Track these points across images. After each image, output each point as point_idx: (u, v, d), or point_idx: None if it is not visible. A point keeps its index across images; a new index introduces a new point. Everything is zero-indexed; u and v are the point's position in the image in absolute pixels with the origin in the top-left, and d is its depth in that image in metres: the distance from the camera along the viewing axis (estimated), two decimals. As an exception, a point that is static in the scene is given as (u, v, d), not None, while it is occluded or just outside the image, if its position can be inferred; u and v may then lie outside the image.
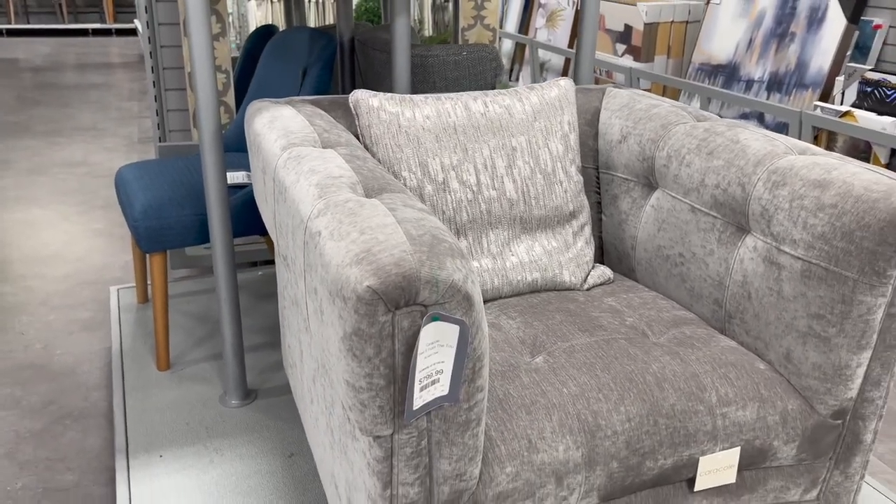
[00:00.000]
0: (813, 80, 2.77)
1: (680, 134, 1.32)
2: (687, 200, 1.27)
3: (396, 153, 1.33)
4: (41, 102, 4.77)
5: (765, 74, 2.97)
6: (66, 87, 5.22)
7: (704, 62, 3.29)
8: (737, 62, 3.12)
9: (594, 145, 1.53)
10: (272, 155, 1.18)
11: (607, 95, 1.56)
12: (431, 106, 1.37)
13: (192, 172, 1.82)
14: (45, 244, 2.69)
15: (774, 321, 1.10)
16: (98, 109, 4.63)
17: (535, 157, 1.38)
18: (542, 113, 1.41)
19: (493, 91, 1.44)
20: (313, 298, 0.92)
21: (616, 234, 1.48)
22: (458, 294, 0.78)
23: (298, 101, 1.40)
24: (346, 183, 0.98)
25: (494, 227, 1.35)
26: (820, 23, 2.77)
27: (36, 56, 6.39)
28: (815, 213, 1.03)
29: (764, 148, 1.17)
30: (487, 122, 1.37)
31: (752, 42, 3.05)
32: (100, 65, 6.09)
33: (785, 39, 2.89)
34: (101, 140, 4.00)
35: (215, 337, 1.96)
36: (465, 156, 1.35)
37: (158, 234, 1.62)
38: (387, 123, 1.34)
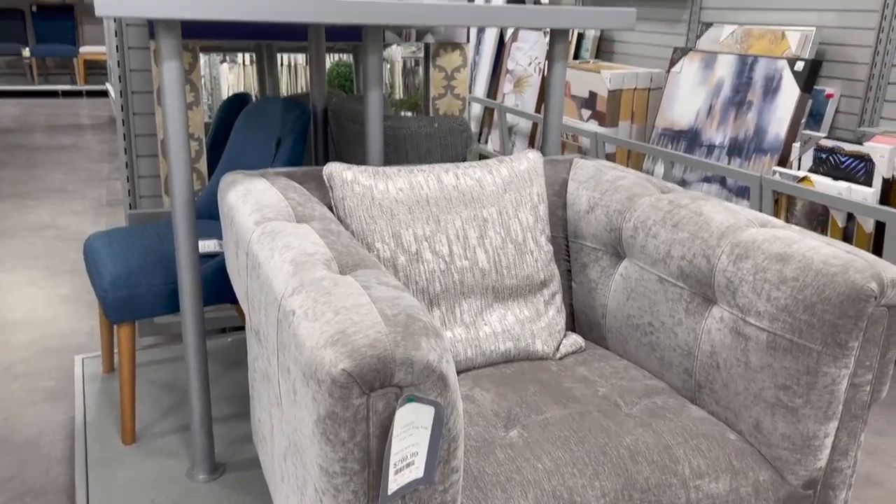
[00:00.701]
0: (771, 146, 2.88)
1: (645, 206, 1.35)
2: (654, 271, 1.30)
3: (370, 225, 1.34)
4: (10, 164, 4.73)
5: (725, 140, 3.08)
6: (36, 149, 5.19)
7: (667, 127, 3.41)
8: (698, 128, 3.23)
9: (563, 215, 1.57)
10: (246, 229, 1.19)
11: (574, 167, 1.60)
12: (404, 178, 1.39)
13: (162, 240, 1.81)
14: (10, 309, 2.63)
15: (743, 391, 1.12)
16: (67, 171, 4.60)
17: (505, 228, 1.41)
18: (512, 185, 1.45)
19: (464, 164, 1.47)
20: (286, 378, 0.91)
21: (586, 302, 1.50)
22: (434, 374, 0.78)
23: (272, 174, 1.42)
24: (320, 259, 0.99)
25: (467, 297, 1.36)
26: (775, 92, 2.89)
27: (5, 117, 6.37)
28: (777, 286, 1.06)
29: (726, 220, 1.21)
30: (459, 195, 1.40)
31: (712, 109, 3.17)
32: (70, 126, 6.08)
33: (743, 107, 3.01)
34: (70, 203, 3.97)
35: (182, 407, 1.92)
36: (438, 227, 1.37)
37: (128, 303, 1.60)
38: (360, 196, 1.36)
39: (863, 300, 0.98)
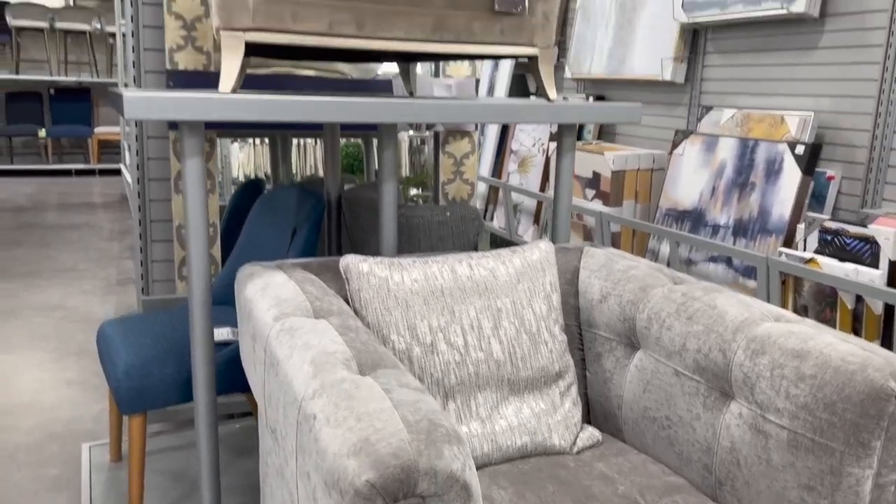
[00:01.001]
0: (775, 227, 2.91)
1: (658, 297, 1.37)
2: (670, 364, 1.30)
3: (385, 316, 1.35)
4: (23, 243, 4.79)
5: (729, 220, 3.12)
6: (48, 228, 5.27)
7: (671, 207, 3.45)
8: (702, 208, 3.27)
9: (575, 303, 1.58)
10: (264, 324, 1.20)
11: (585, 255, 1.62)
12: (419, 269, 1.41)
13: (175, 327, 1.82)
14: (16, 392, 2.62)
15: (765, 490, 1.10)
16: (78, 250, 4.65)
17: (519, 318, 1.42)
18: (525, 275, 1.46)
19: (477, 254, 1.50)
20: (306, 483, 0.90)
21: (601, 392, 1.49)
22: (457, 484, 0.78)
23: (290, 266, 1.44)
24: (340, 359, 1.00)
25: (483, 389, 1.36)
26: (777, 174, 2.95)
27: (19, 196, 6.48)
28: (796, 384, 1.06)
29: (741, 314, 1.22)
30: (473, 285, 1.42)
31: (716, 190, 3.22)
32: (82, 205, 6.19)
33: (746, 189, 3.07)
34: (80, 282, 3.99)
35: (192, 497, 1.88)
36: (453, 317, 1.38)
37: (141, 394, 1.60)
38: (376, 288, 1.37)
39: (883, 399, 0.98)
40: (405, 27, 1.49)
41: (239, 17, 1.33)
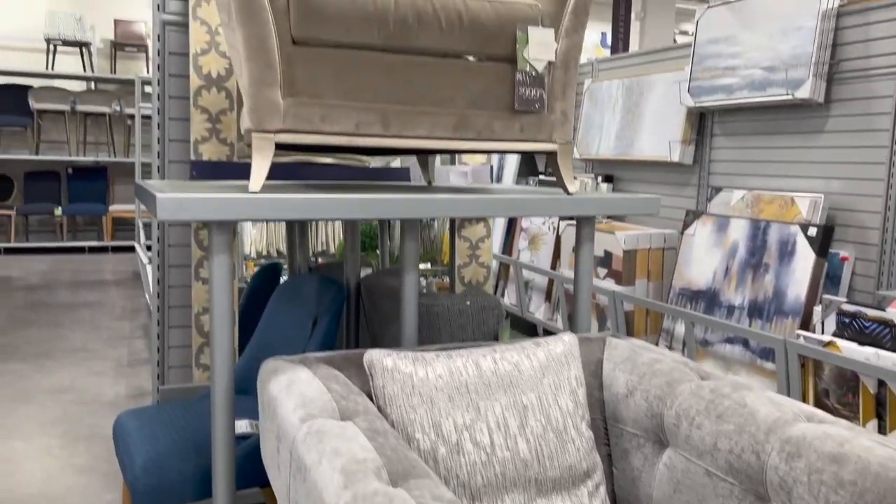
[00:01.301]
0: (791, 309, 2.90)
1: (686, 393, 1.35)
2: (701, 463, 1.28)
3: (410, 414, 1.34)
4: (34, 323, 4.80)
5: (744, 301, 3.11)
6: (59, 306, 5.29)
7: (685, 287, 3.45)
8: (716, 288, 3.27)
9: (600, 396, 1.56)
10: (290, 425, 1.19)
11: (608, 346, 1.62)
12: (443, 364, 1.41)
13: (194, 419, 1.80)
14: (23, 482, 2.57)
15: None
16: (89, 329, 4.66)
17: (546, 415, 1.40)
18: (550, 369, 1.46)
19: (500, 346, 1.49)
20: None
21: (630, 491, 1.46)
22: None
23: (313, 361, 1.44)
24: (371, 468, 0.98)
25: (510, 491, 1.33)
26: (791, 255, 2.96)
27: (32, 274, 6.54)
28: (835, 490, 1.03)
29: (773, 413, 1.20)
30: (498, 380, 1.41)
31: (729, 271, 3.22)
32: (94, 282, 6.23)
33: (760, 269, 3.07)
34: (91, 363, 3.98)
35: None
36: (478, 415, 1.36)
37: (158, 491, 1.57)
38: (401, 384, 1.36)
39: (928, 509, 0.96)
40: (429, 126, 1.53)
41: (270, 120, 1.37)
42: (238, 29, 1.36)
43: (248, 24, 1.35)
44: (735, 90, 3.31)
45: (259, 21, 1.35)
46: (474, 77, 1.56)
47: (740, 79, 3.29)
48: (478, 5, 1.53)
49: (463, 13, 1.52)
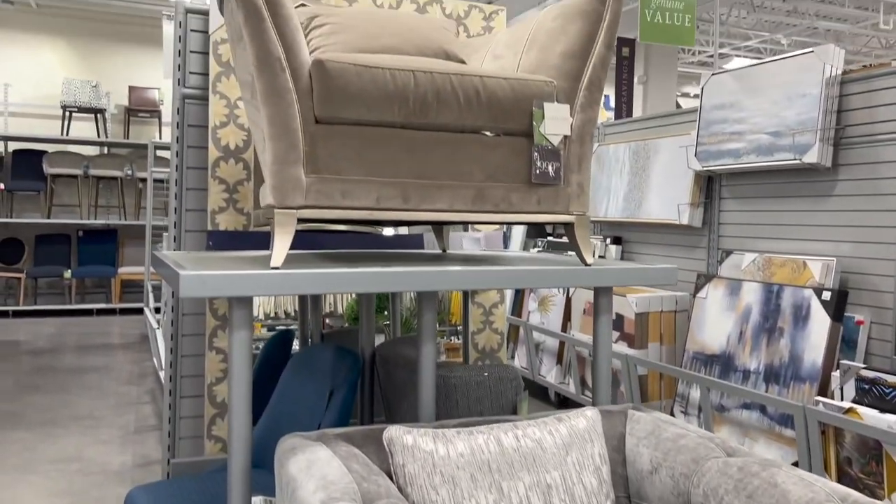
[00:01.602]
0: (808, 374, 2.86)
1: (713, 471, 1.32)
2: (733, 546, 1.24)
3: (432, 495, 1.31)
4: (40, 388, 4.76)
5: (760, 366, 3.07)
6: (66, 371, 5.25)
7: (698, 351, 3.42)
8: (730, 352, 3.24)
9: (623, 472, 1.53)
10: (311, 508, 1.16)
11: (630, 420, 1.59)
12: (464, 441, 1.39)
13: (207, 495, 1.77)
14: (27, 559, 2.50)
15: None
16: (96, 395, 4.61)
17: (570, 495, 1.37)
18: (573, 445, 1.43)
19: (522, 422, 1.47)
20: None
21: (657, 573, 1.41)
22: None
23: (332, 438, 1.42)
24: (398, 557, 0.96)
25: (535, 575, 1.29)
26: (805, 320, 2.93)
27: (39, 337, 6.53)
28: (877, 579, 1.00)
29: (805, 495, 1.17)
30: (521, 458, 1.38)
31: (743, 335, 3.20)
32: (101, 346, 6.21)
33: (774, 334, 3.04)
34: (97, 430, 3.93)
35: None
36: (501, 495, 1.33)
37: (170, 573, 1.52)
38: (421, 462, 1.34)
39: None
40: (448, 200, 1.55)
41: (293, 197, 1.39)
42: (262, 109, 1.39)
43: (272, 104, 1.38)
44: (742, 154, 3.35)
45: (284, 102, 1.38)
46: (492, 151, 1.59)
47: (747, 143, 3.33)
48: (495, 82, 1.57)
49: (480, 90, 1.55)
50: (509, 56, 1.82)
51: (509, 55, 1.83)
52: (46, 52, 8.36)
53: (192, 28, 2.29)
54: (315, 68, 1.42)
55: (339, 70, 1.43)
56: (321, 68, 1.42)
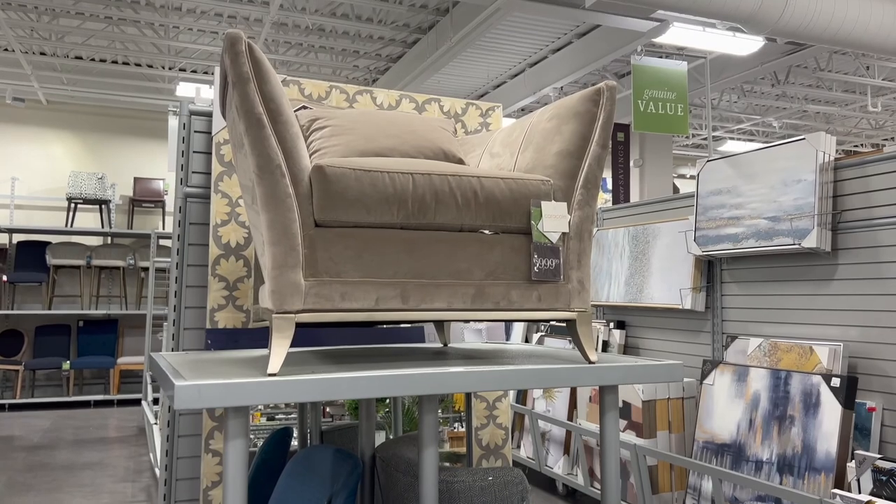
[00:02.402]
0: (823, 465, 2.77)
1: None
2: None
3: None
4: (32, 488, 4.62)
5: (772, 456, 2.98)
6: (60, 468, 5.12)
7: (708, 440, 3.33)
8: (741, 441, 3.15)
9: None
10: None
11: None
12: (468, 554, 1.32)
13: None
14: None
15: None
16: (90, 494, 4.48)
17: None
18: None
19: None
20: None
21: None
22: None
23: (330, 553, 1.36)
24: None
25: None
26: (816, 407, 2.87)
27: (35, 432, 6.39)
28: None
29: None
30: (527, 572, 1.32)
31: (753, 423, 3.12)
32: (97, 440, 6.07)
33: (785, 422, 2.97)
34: (89, 532, 3.79)
35: None
36: None
37: None
38: (424, 579, 1.28)
39: None
40: (447, 298, 1.54)
41: (292, 302, 1.38)
42: (262, 214, 1.41)
43: (272, 209, 1.39)
44: (741, 239, 3.37)
45: (284, 207, 1.40)
46: (491, 249, 1.59)
47: (745, 228, 3.35)
48: (492, 182, 1.59)
49: (478, 190, 1.57)
50: (506, 155, 1.85)
51: (506, 154, 1.86)
52: (55, 146, 8.56)
53: (196, 129, 2.34)
54: (315, 174, 1.44)
55: (339, 175, 1.45)
56: (321, 173, 1.44)
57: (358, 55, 7.71)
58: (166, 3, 6.37)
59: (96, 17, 6.62)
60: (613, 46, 6.27)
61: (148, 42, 7.24)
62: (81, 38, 7.14)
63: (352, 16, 6.68)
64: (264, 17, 6.62)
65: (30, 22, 6.70)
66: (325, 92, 2.43)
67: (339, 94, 2.44)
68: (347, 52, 7.64)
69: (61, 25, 6.77)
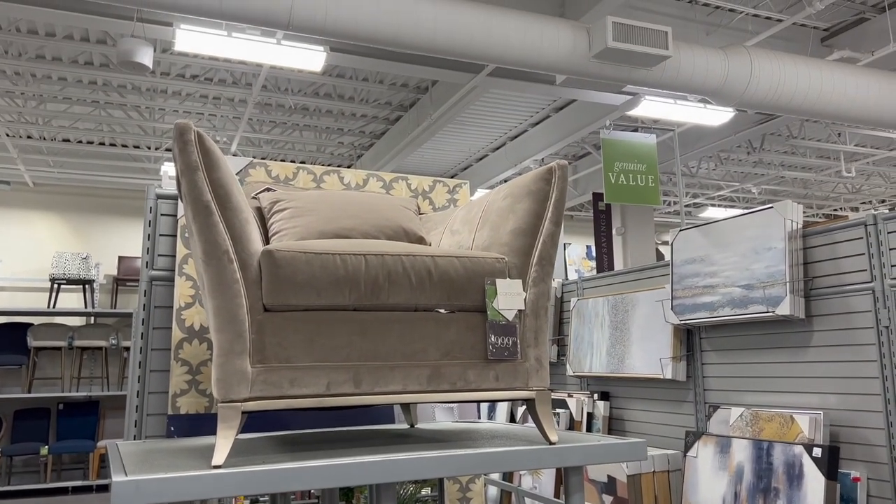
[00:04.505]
0: (811, 539, 2.69)
1: None
2: None
3: None
4: (-2, 583, 4.42)
5: (760, 531, 2.90)
6: (30, 561, 4.91)
7: (695, 515, 3.24)
8: (728, 516, 3.07)
9: None
10: None
11: None
12: None
13: None
14: None
15: None
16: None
17: None
18: None
19: None
20: None
21: None
22: None
23: None
24: None
25: None
26: (800, 479, 2.81)
27: (6, 522, 6.16)
28: None
29: None
30: None
31: (738, 496, 3.05)
32: (72, 529, 5.85)
33: (770, 494, 2.90)
34: None
35: None
36: None
37: None
38: None
39: None
40: (402, 380, 1.52)
41: (238, 390, 1.36)
42: (208, 300, 1.40)
43: (219, 295, 1.39)
44: (717, 307, 3.36)
45: (231, 293, 1.39)
46: (447, 328, 1.58)
47: (721, 296, 3.35)
48: (446, 261, 1.59)
49: (432, 269, 1.57)
50: (465, 232, 1.87)
51: (465, 231, 1.87)
52: (40, 228, 8.59)
53: (162, 212, 2.35)
54: (264, 258, 1.44)
55: (288, 258, 1.45)
56: (270, 258, 1.44)
57: (342, 132, 7.87)
58: (152, 87, 6.52)
59: (83, 101, 6.75)
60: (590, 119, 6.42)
61: (134, 124, 7.37)
62: (68, 122, 7.26)
63: (334, 95, 6.85)
64: (248, 97, 6.78)
65: (17, 108, 6.82)
66: (293, 173, 2.46)
67: (306, 175, 2.47)
68: (331, 130, 7.80)
69: (48, 110, 6.90)
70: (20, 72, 6.15)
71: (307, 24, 3.77)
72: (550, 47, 4.21)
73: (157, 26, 4.80)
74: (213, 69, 6.23)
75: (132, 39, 4.44)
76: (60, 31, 5.46)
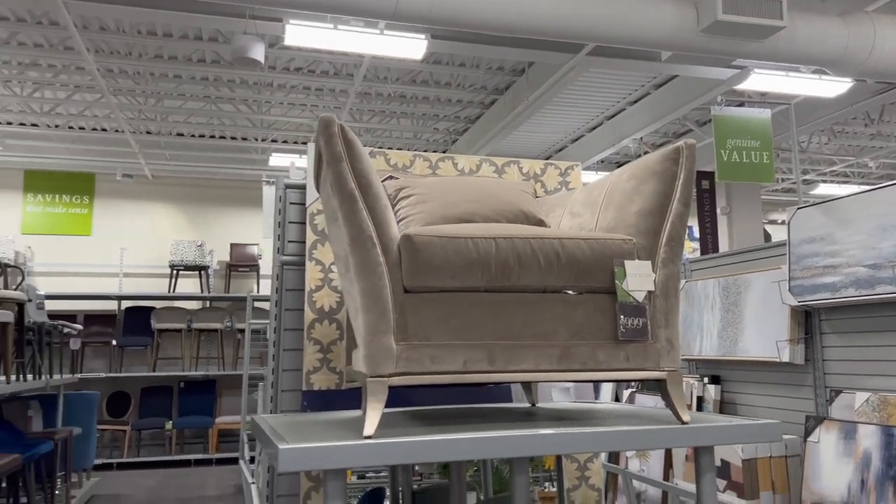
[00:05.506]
0: (949, 530, 2.57)
1: None
2: None
3: None
4: (138, 545, 4.82)
5: (891, 520, 2.79)
6: (164, 526, 5.31)
7: (817, 502, 3.14)
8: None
9: None
10: None
11: None
12: None
13: None
14: None
15: None
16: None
17: None
18: None
19: None
20: None
21: None
22: None
23: None
24: None
25: None
26: (936, 467, 2.68)
27: (140, 490, 6.68)
28: None
29: None
30: None
31: (865, 484, 2.94)
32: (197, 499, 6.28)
33: (902, 483, 2.78)
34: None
35: None
36: None
37: None
38: None
39: None
40: (533, 359, 1.57)
41: (385, 366, 1.44)
42: (356, 282, 1.49)
43: (365, 277, 1.47)
44: (840, 288, 3.23)
45: (375, 275, 1.48)
46: (575, 310, 1.61)
47: (844, 277, 3.22)
48: (573, 244, 1.62)
49: (560, 252, 1.60)
50: (587, 214, 1.89)
51: (587, 213, 1.89)
52: (160, 217, 9.17)
53: (291, 201, 2.49)
54: (404, 243, 1.52)
55: (426, 243, 1.52)
56: (409, 242, 1.52)
57: (437, 118, 7.96)
58: (259, 81, 6.81)
59: (196, 97, 7.14)
60: (693, 95, 6.23)
61: (242, 117, 7.72)
62: (183, 117, 7.70)
63: (431, 82, 6.94)
64: (349, 88, 6.97)
65: (138, 105, 7.29)
66: (410, 161, 2.55)
67: (422, 162, 2.55)
68: (427, 116, 7.90)
69: (165, 106, 7.33)
70: (140, 72, 6.57)
71: (412, 12, 3.85)
72: (655, 23, 4.13)
73: (267, 22, 5.02)
74: (316, 61, 6.44)
75: (245, 36, 4.67)
76: (176, 31, 5.79)
